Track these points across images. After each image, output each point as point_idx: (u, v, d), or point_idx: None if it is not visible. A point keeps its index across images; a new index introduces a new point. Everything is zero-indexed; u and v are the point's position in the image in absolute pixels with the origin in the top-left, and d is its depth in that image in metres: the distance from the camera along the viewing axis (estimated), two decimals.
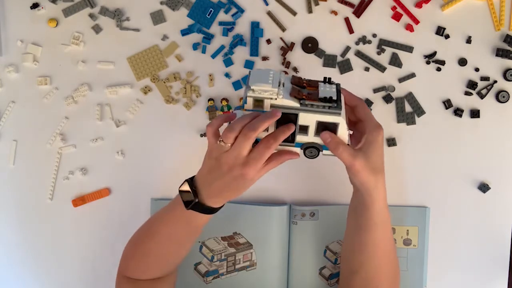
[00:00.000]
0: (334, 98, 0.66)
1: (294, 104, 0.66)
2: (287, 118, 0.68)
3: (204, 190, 0.71)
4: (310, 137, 0.69)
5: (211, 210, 0.72)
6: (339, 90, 0.69)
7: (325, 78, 0.70)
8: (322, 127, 0.68)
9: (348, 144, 0.69)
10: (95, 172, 0.98)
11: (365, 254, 0.75)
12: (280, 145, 0.70)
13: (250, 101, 0.67)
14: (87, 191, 0.98)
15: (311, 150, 0.71)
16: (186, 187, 0.72)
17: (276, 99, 0.66)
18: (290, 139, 0.70)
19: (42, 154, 0.97)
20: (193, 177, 0.74)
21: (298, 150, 0.71)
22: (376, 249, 0.74)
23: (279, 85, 0.66)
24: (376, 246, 0.74)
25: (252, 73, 0.68)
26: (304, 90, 0.68)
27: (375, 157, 0.69)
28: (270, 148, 0.66)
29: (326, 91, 0.67)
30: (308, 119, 0.67)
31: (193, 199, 0.71)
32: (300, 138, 0.70)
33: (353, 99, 0.74)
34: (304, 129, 0.69)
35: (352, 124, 0.75)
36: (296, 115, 0.67)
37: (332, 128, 0.68)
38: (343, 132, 0.68)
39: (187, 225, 0.75)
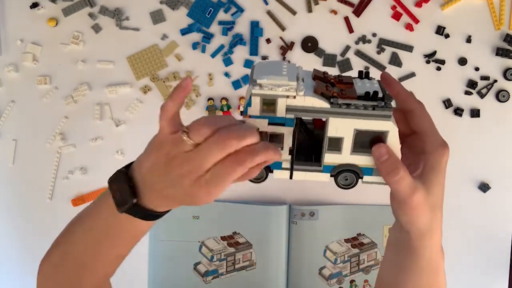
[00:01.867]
0: (380, 94, 0.46)
1: (322, 104, 0.46)
2: (308, 133, 0.50)
3: (146, 189, 0.50)
4: (345, 156, 0.48)
5: (154, 216, 0.51)
6: (383, 88, 0.49)
7: (360, 72, 0.50)
8: (363, 139, 0.48)
9: None
10: (94, 171, 0.98)
11: None
12: (297, 167, 0.49)
13: (256, 102, 0.46)
14: (87, 190, 0.98)
15: (346, 176, 0.49)
16: (120, 181, 0.51)
17: (295, 97, 0.45)
18: (314, 159, 0.50)
19: (41, 154, 0.97)
20: (129, 165, 0.54)
21: (326, 177, 0.50)
22: None
23: (297, 80, 0.46)
24: None
25: (257, 65, 0.48)
26: (333, 87, 0.48)
27: (437, 190, 0.49)
28: (243, 168, 0.44)
29: (366, 87, 0.48)
30: (342, 127, 0.46)
31: (128, 198, 0.49)
32: (329, 158, 0.48)
33: (407, 99, 0.51)
34: (335, 144, 0.48)
35: (401, 136, 0.50)
36: (325, 123, 0.47)
37: (378, 140, 0.48)
38: (394, 146, 0.47)
39: (118, 235, 0.54)
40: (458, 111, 0.95)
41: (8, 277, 0.99)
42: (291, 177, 0.49)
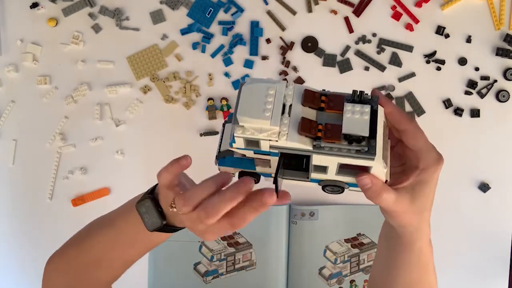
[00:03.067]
0: (366, 135, 0.44)
1: (305, 147, 0.45)
2: (295, 156, 0.49)
3: (168, 210, 0.56)
4: (331, 176, 0.50)
5: (176, 229, 0.59)
6: (375, 110, 0.47)
7: (354, 92, 0.47)
8: (347, 167, 0.49)
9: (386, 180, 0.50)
10: (94, 171, 0.98)
11: None
12: (286, 177, 0.52)
13: (239, 140, 0.46)
14: (87, 190, 0.98)
15: (333, 188, 0.53)
16: (148, 206, 0.56)
17: (277, 140, 0.45)
18: (303, 166, 0.51)
19: (41, 154, 0.97)
20: (153, 189, 0.59)
21: (315, 184, 0.53)
22: None
23: (283, 113, 0.46)
24: None
25: (243, 91, 0.46)
26: (322, 114, 0.47)
27: (424, 198, 0.51)
28: (233, 227, 0.49)
29: (354, 120, 0.45)
30: (326, 160, 0.47)
31: (158, 221, 0.56)
32: (316, 176, 0.51)
33: (400, 120, 0.50)
34: (320, 168, 0.49)
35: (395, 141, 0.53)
36: (308, 156, 0.48)
37: (361, 169, 0.49)
38: (379, 172, 0.48)
39: (140, 242, 0.61)
40: (458, 111, 0.95)
41: (8, 277, 0.99)
42: (277, 196, 0.49)
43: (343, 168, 0.49)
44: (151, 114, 0.97)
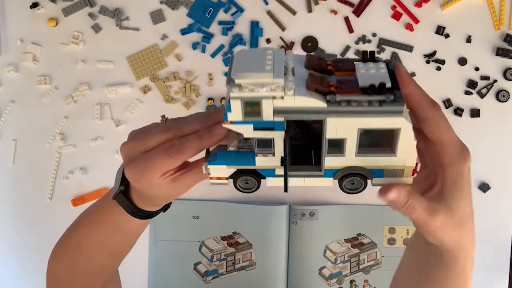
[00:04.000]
0: (388, 84, 0.37)
1: (317, 103, 0.37)
2: (304, 126, 0.43)
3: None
4: (350, 158, 0.41)
5: (140, 213, 0.54)
6: (392, 70, 0.40)
7: (364, 53, 0.40)
8: (370, 138, 0.40)
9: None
10: (94, 171, 0.98)
11: None
12: (293, 173, 0.43)
13: (236, 106, 0.38)
14: (87, 190, 0.98)
15: (353, 180, 0.42)
16: (119, 170, 0.53)
17: (283, 97, 0.37)
18: (313, 159, 0.43)
19: (41, 154, 0.97)
20: None
21: (329, 181, 0.43)
22: None
23: (285, 73, 0.38)
24: None
25: (237, 56, 0.40)
26: (330, 77, 0.40)
27: (462, 204, 0.44)
28: (170, 159, 0.45)
29: (371, 74, 0.38)
30: (343, 127, 0.38)
31: (119, 187, 0.52)
32: (331, 162, 0.41)
33: (421, 105, 0.42)
34: (336, 146, 0.40)
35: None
36: (322, 122, 0.39)
37: (387, 139, 0.40)
38: (408, 145, 0.40)
39: (122, 234, 0.57)
40: (458, 111, 0.95)
41: (8, 277, 0.99)
42: (285, 190, 0.42)
43: (365, 145, 0.40)
44: (151, 114, 0.97)
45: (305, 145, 0.43)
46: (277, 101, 0.37)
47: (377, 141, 0.40)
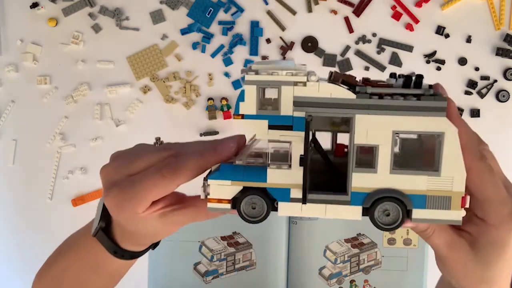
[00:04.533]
0: (426, 84, 0.34)
1: (345, 93, 0.32)
2: (325, 158, 0.36)
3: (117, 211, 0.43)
4: (383, 176, 0.33)
5: (123, 253, 0.45)
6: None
7: (408, 78, 0.35)
8: (408, 149, 0.35)
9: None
10: (94, 171, 0.97)
11: None
12: (312, 197, 0.34)
13: (251, 93, 0.33)
14: (87, 190, 0.98)
15: (387, 208, 0.33)
16: (100, 204, 0.44)
17: (305, 84, 0.32)
18: (334, 183, 0.35)
19: (41, 154, 0.97)
20: None
21: (357, 212, 0.34)
22: None
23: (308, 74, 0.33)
24: None
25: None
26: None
27: (494, 262, 0.37)
28: (162, 177, 0.37)
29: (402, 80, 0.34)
30: (375, 128, 0.33)
31: (98, 224, 0.44)
32: (359, 180, 0.33)
33: (465, 146, 0.34)
34: (367, 157, 0.34)
35: None
36: (349, 121, 0.33)
37: (429, 156, 0.34)
38: (454, 159, 0.33)
39: (106, 273, 0.49)
40: (458, 111, 0.95)
41: (8, 276, 0.99)
42: (304, 201, 0.33)
43: (402, 158, 0.35)
44: (151, 114, 0.97)
45: (324, 180, 0.36)
46: (299, 89, 0.32)
47: (417, 159, 0.35)
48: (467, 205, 0.34)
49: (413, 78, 0.33)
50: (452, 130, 0.32)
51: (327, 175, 0.36)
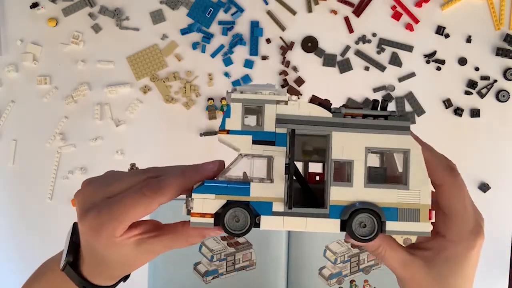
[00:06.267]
0: (389, 107, 0.39)
1: (322, 112, 0.36)
2: (305, 149, 0.39)
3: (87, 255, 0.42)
4: (359, 189, 0.36)
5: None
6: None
7: (375, 102, 0.38)
8: (380, 173, 0.38)
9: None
10: (94, 171, 0.97)
11: None
12: (293, 212, 0.36)
13: (236, 110, 0.36)
14: None
15: (363, 219, 0.36)
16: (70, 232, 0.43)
17: (286, 103, 0.36)
18: (312, 199, 0.38)
19: (41, 154, 0.97)
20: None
21: (335, 225, 0.38)
22: None
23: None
24: None
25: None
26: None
27: (450, 281, 0.38)
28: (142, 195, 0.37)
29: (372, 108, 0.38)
30: (350, 145, 0.36)
31: (66, 257, 0.42)
32: (337, 194, 0.36)
33: (436, 170, 0.37)
34: (342, 172, 0.37)
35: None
36: (326, 138, 0.36)
37: (392, 166, 0.39)
38: (420, 173, 0.36)
39: None
40: (458, 111, 0.95)
41: (8, 277, 0.99)
42: (290, 207, 0.36)
43: (375, 174, 0.38)
44: (151, 114, 0.97)
45: (302, 196, 0.38)
46: (281, 108, 0.36)
47: (388, 177, 0.38)
48: (433, 219, 0.36)
49: (380, 102, 0.37)
50: (416, 146, 0.36)
51: (303, 197, 0.38)
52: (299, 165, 0.40)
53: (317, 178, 0.41)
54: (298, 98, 0.39)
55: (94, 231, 0.37)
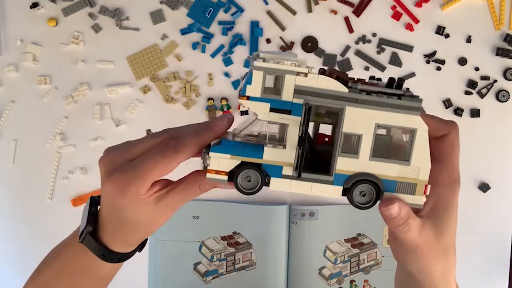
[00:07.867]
0: (404, 86, 0.40)
1: (339, 87, 0.38)
2: (318, 112, 0.42)
3: (109, 221, 0.45)
4: (363, 162, 0.39)
5: (112, 256, 0.46)
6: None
7: (391, 79, 0.40)
8: (384, 143, 0.41)
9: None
10: (94, 171, 0.98)
11: None
12: (302, 176, 0.40)
13: (258, 78, 0.38)
14: (87, 190, 0.98)
15: (363, 189, 0.40)
16: (86, 206, 0.47)
17: (306, 75, 0.38)
18: (319, 165, 0.41)
19: (41, 154, 0.97)
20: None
21: (337, 192, 0.40)
22: None
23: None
24: None
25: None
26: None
27: (450, 231, 0.42)
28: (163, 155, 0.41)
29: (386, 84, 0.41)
30: (361, 120, 0.39)
31: (85, 226, 0.46)
32: (343, 164, 0.39)
33: (443, 122, 0.44)
34: (351, 144, 0.40)
35: None
36: (332, 113, 0.41)
37: (400, 142, 0.41)
38: (422, 152, 0.39)
39: (94, 279, 0.49)
40: (458, 111, 0.95)
41: (7, 277, 0.99)
42: (299, 175, 0.38)
43: (379, 148, 0.40)
44: (151, 114, 0.97)
45: (310, 162, 0.41)
46: (300, 79, 0.38)
47: (392, 152, 0.41)
48: (428, 193, 0.40)
49: (396, 80, 0.39)
50: (424, 127, 0.39)
51: (310, 159, 0.41)
52: (311, 125, 0.42)
53: (326, 139, 0.43)
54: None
55: (120, 191, 0.40)
